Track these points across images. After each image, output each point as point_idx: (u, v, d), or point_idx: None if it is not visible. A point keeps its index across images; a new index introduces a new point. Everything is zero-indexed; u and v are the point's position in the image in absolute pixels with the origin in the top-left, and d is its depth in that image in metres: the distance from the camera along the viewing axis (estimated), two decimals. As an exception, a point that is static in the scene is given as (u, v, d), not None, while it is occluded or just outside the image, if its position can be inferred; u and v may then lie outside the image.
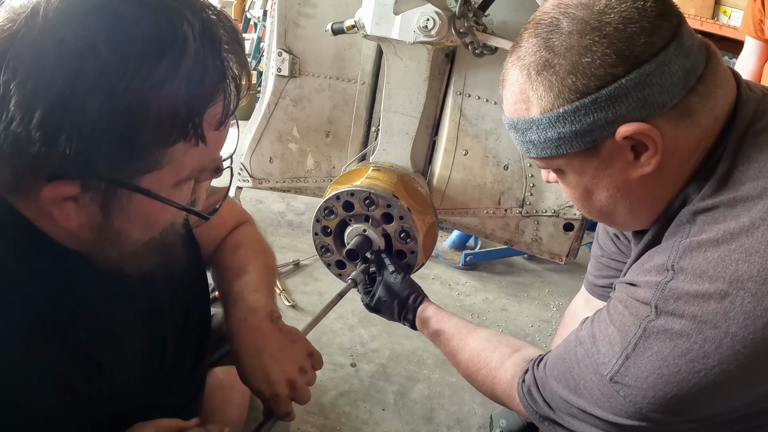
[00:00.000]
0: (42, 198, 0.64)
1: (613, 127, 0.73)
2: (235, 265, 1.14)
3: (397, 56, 1.33)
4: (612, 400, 0.76)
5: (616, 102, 0.72)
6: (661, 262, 0.76)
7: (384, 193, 1.30)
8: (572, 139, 0.76)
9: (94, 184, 0.64)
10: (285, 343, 1.02)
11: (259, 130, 1.64)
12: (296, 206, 3.35)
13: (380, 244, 1.35)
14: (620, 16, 0.71)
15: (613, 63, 0.71)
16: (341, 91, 1.60)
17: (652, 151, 0.74)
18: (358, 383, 1.89)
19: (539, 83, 0.75)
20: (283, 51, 1.56)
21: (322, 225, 1.39)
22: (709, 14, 6.01)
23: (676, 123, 0.74)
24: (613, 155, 0.77)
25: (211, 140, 0.68)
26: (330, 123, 1.64)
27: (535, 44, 0.76)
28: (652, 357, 0.73)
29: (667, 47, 0.72)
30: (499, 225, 1.64)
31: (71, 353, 0.75)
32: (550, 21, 0.75)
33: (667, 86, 0.72)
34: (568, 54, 0.73)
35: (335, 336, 2.14)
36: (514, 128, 0.82)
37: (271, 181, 1.71)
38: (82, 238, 0.71)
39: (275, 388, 0.98)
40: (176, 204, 0.71)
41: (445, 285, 2.65)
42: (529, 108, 0.78)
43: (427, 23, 1.21)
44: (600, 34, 0.71)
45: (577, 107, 0.74)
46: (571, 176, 0.84)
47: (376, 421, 1.73)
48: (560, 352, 0.89)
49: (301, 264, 2.63)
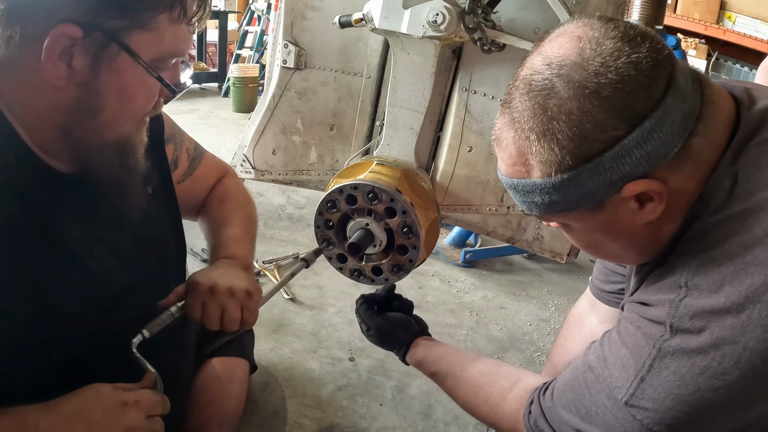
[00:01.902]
0: (47, 43, 0.75)
1: (617, 186, 0.73)
2: (221, 216, 1.29)
3: (404, 51, 1.33)
4: (627, 424, 0.74)
5: (619, 162, 0.71)
6: (673, 279, 0.75)
7: (387, 188, 1.30)
8: (578, 201, 0.76)
9: (94, 34, 0.77)
10: (244, 275, 1.11)
11: (263, 122, 1.63)
12: (297, 200, 3.35)
13: (382, 239, 1.35)
14: (617, 75, 0.69)
15: (615, 125, 0.70)
16: (347, 84, 1.59)
17: (657, 201, 0.74)
18: (356, 378, 1.89)
19: (540, 148, 0.74)
20: (289, 43, 1.55)
21: (325, 218, 1.39)
22: (714, 19, 6.01)
23: (678, 168, 0.73)
24: (618, 208, 0.76)
25: (183, 32, 0.84)
26: (334, 116, 1.63)
27: (531, 108, 0.73)
28: (669, 377, 0.72)
29: (665, 98, 0.70)
30: (501, 222, 1.64)
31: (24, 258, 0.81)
32: (543, 84, 0.73)
33: (669, 137, 0.71)
34: (567, 120, 0.71)
35: (334, 330, 2.14)
36: (513, 189, 0.81)
37: (273, 173, 1.70)
38: (63, 104, 0.80)
39: (202, 283, 1.03)
40: (152, 71, 0.82)
41: (444, 282, 2.65)
42: (530, 171, 0.77)
43: (437, 18, 1.21)
44: (599, 98, 0.69)
45: (580, 171, 0.73)
46: (577, 229, 0.84)
47: (373, 415, 1.73)
48: (567, 379, 0.87)
49: (300, 258, 2.63)
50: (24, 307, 0.82)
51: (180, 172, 1.25)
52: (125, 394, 0.84)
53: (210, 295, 1.02)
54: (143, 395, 0.86)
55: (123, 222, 0.98)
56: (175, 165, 1.22)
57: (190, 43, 0.88)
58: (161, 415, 0.88)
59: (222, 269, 1.10)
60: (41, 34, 0.75)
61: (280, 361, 1.93)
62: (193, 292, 1.02)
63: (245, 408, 1.47)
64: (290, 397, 1.76)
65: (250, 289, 1.06)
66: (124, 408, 0.82)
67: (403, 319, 1.36)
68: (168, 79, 0.86)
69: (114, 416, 0.81)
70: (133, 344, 0.92)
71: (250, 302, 1.06)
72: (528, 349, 2.22)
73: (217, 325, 1.03)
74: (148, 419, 0.84)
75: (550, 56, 0.73)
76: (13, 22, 0.76)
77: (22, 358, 0.83)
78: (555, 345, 1.45)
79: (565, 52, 0.72)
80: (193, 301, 1.02)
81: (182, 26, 0.84)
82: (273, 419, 1.66)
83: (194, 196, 1.32)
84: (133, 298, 0.99)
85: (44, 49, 0.76)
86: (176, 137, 1.23)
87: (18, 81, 0.80)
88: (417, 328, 1.35)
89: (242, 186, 1.41)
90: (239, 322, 1.04)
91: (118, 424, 0.81)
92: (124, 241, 0.99)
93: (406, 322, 1.35)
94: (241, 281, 1.07)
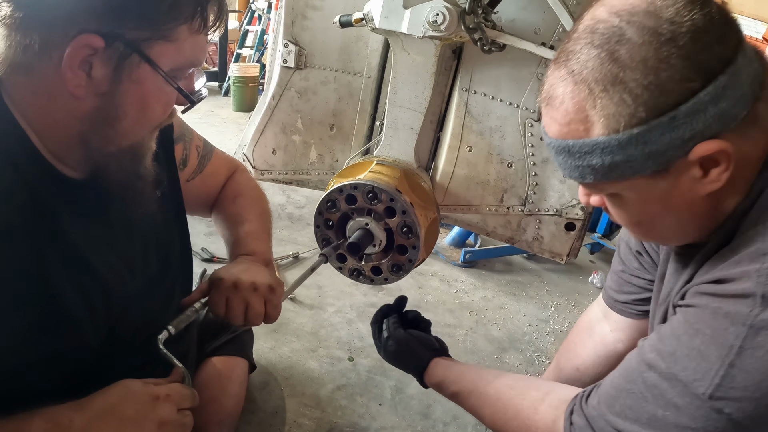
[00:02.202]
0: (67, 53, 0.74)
1: (688, 146, 0.68)
2: (237, 213, 1.30)
3: (404, 50, 1.33)
4: (710, 423, 0.67)
5: (693, 119, 0.67)
6: (752, 249, 0.69)
7: (387, 188, 1.30)
8: (643, 162, 0.70)
9: (116, 44, 0.76)
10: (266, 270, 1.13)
11: (263, 122, 1.63)
12: (297, 199, 3.35)
13: (382, 238, 1.35)
14: (692, 25, 0.66)
15: (691, 77, 0.66)
16: (347, 84, 1.59)
17: (723, 166, 0.70)
18: (355, 377, 1.89)
19: (607, 100, 0.69)
20: (289, 42, 1.55)
21: (324, 218, 1.39)
22: (715, 19, 6.02)
23: (744, 133, 0.70)
24: (682, 174, 0.71)
25: (201, 42, 0.84)
26: (334, 116, 1.63)
27: (598, 56, 0.68)
28: (766, 356, 0.64)
29: (736, 56, 0.67)
30: (500, 222, 1.64)
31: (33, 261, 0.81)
32: (612, 31, 0.68)
33: (739, 97, 0.68)
34: (642, 67, 0.66)
35: (333, 330, 2.14)
36: (566, 152, 0.75)
37: (273, 172, 1.70)
38: (81, 112, 0.80)
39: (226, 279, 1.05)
40: (171, 82, 0.83)
41: (443, 282, 2.65)
42: (590, 129, 0.71)
43: (437, 18, 1.21)
44: (676, 45, 0.65)
45: (653, 126, 0.68)
46: (632, 200, 0.77)
47: (372, 415, 1.73)
48: (618, 383, 0.80)
49: (300, 257, 2.63)
50: (39, 311, 0.82)
51: (189, 170, 1.26)
52: (156, 388, 0.85)
53: (234, 290, 1.04)
54: (174, 389, 0.87)
55: (132, 226, 0.99)
56: (184, 164, 1.23)
57: (206, 53, 0.88)
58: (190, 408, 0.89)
59: (244, 265, 1.12)
60: (61, 43, 0.75)
61: (279, 360, 1.93)
62: (217, 288, 1.05)
63: (244, 407, 1.47)
64: (289, 397, 1.76)
65: (272, 284, 1.08)
66: (155, 402, 0.83)
67: (425, 337, 1.28)
68: (184, 87, 0.87)
69: (146, 411, 0.82)
70: (159, 340, 0.95)
71: (273, 296, 1.08)
72: (527, 349, 2.22)
73: (241, 319, 1.05)
74: (179, 413, 0.86)
75: (617, 5, 0.69)
76: (33, 29, 0.76)
77: (36, 361, 0.84)
78: (562, 349, 1.39)
79: (633, 1, 0.69)
80: (217, 298, 1.04)
81: (201, 36, 0.84)
82: (272, 418, 1.66)
83: (205, 193, 1.33)
84: (141, 300, 1.00)
85: (65, 58, 0.75)
86: (185, 136, 1.24)
87: (34, 88, 0.79)
88: (438, 346, 1.26)
89: (254, 181, 1.43)
90: (263, 316, 1.06)
91: (150, 418, 0.82)
92: (133, 245, 1.00)
93: (428, 340, 1.27)
94: (264, 276, 1.09)
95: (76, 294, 0.87)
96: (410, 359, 1.24)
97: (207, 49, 0.88)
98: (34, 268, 0.81)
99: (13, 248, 0.78)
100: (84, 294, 0.88)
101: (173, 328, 0.98)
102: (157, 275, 1.06)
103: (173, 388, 0.87)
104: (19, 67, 0.78)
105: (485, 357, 2.11)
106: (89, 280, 0.89)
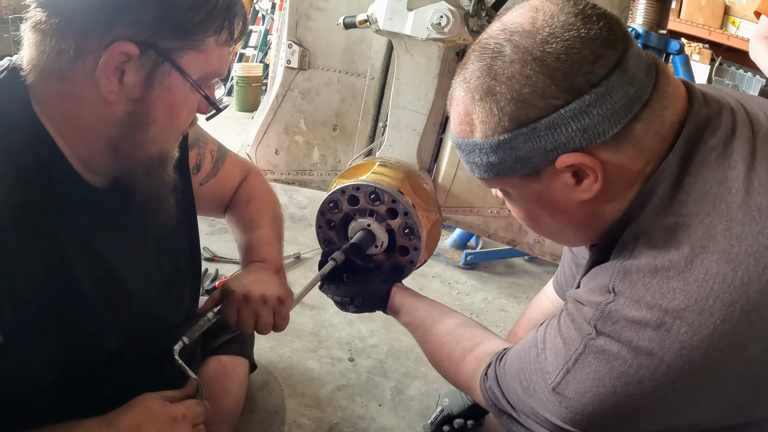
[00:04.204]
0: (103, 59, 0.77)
1: (552, 155, 0.74)
2: (250, 217, 1.34)
3: (407, 52, 1.33)
4: (555, 407, 0.78)
5: (555, 131, 0.72)
6: (603, 282, 0.76)
7: (389, 189, 1.30)
8: (512, 165, 0.77)
9: (149, 52, 0.79)
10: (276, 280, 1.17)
11: (266, 122, 1.64)
12: (299, 199, 3.36)
13: (384, 240, 1.35)
14: (563, 46, 0.70)
15: (553, 94, 0.70)
16: (350, 85, 1.60)
17: (592, 179, 0.74)
18: (355, 378, 1.89)
19: (481, 108, 0.75)
20: (293, 43, 1.56)
21: (327, 218, 1.39)
22: (718, 24, 6.01)
23: (617, 150, 0.73)
24: (554, 180, 0.77)
25: (225, 53, 0.88)
26: (337, 117, 1.64)
27: (480, 68, 0.75)
28: (590, 375, 0.74)
29: (609, 76, 0.70)
30: (502, 225, 1.64)
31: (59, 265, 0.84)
32: (494, 47, 0.74)
33: (609, 115, 0.71)
34: (509, 83, 0.72)
35: (334, 330, 2.14)
36: (459, 148, 0.83)
37: (276, 172, 1.71)
38: (113, 117, 0.82)
39: (237, 291, 1.09)
40: (200, 90, 0.86)
41: (445, 283, 2.65)
42: (473, 131, 0.78)
43: (441, 20, 1.21)
44: (541, 65, 0.70)
45: (515, 135, 0.74)
46: (515, 197, 0.85)
47: (372, 416, 1.73)
48: (518, 350, 0.90)
49: (302, 257, 2.63)
50: (65, 312, 0.86)
51: (203, 174, 1.29)
52: (174, 409, 0.91)
53: (244, 302, 1.08)
54: (189, 408, 0.93)
55: (147, 233, 1.02)
56: (198, 168, 1.26)
57: (228, 64, 0.92)
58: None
59: (255, 275, 1.15)
60: (96, 49, 0.77)
61: (279, 360, 1.93)
62: (228, 299, 1.09)
63: (244, 407, 1.48)
64: (289, 397, 1.76)
65: (281, 296, 1.12)
66: (174, 423, 0.89)
67: (371, 273, 1.36)
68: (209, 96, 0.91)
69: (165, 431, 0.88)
70: (175, 351, 0.99)
71: (282, 308, 1.13)
72: (527, 351, 2.22)
73: (251, 330, 1.11)
74: (193, 429, 0.92)
75: (506, 23, 0.75)
76: (69, 35, 0.77)
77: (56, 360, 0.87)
78: (517, 324, 1.50)
79: (519, 20, 0.74)
80: (229, 309, 1.09)
81: (225, 48, 0.88)
82: (272, 418, 1.66)
83: (219, 196, 1.36)
84: (154, 304, 1.03)
85: (100, 65, 0.77)
86: (200, 141, 1.27)
87: (65, 93, 0.81)
88: (388, 276, 1.35)
89: (267, 184, 1.46)
90: (272, 326, 1.12)
91: None
92: (148, 252, 1.03)
93: (376, 274, 1.35)
94: (273, 288, 1.13)
95: (99, 298, 0.90)
96: (377, 299, 1.32)
97: (229, 60, 0.91)
98: (60, 270, 0.84)
99: (40, 250, 0.81)
100: (107, 298, 0.91)
101: (187, 339, 1.01)
102: (168, 280, 1.08)
103: (189, 407, 0.92)
104: (51, 72, 0.79)
105: (485, 359, 2.11)
106: (112, 287, 0.93)
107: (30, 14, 0.78)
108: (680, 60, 2.65)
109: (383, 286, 1.32)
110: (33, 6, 0.78)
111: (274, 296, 1.11)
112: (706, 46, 5.98)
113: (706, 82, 5.71)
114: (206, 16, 0.82)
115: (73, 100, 0.81)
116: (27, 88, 0.81)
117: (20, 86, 0.81)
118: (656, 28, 2.41)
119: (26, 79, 0.80)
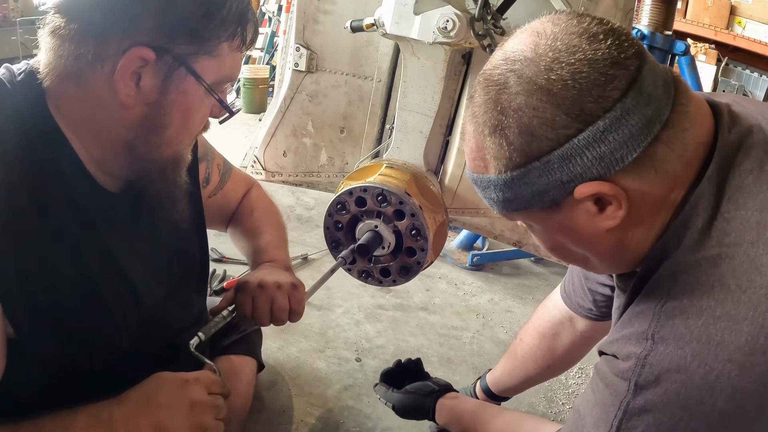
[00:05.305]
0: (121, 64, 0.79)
1: (569, 187, 0.69)
2: (255, 225, 1.40)
3: (414, 56, 1.34)
4: None
5: (569, 162, 0.67)
6: (641, 329, 0.71)
7: (396, 191, 1.32)
8: (529, 200, 0.73)
9: (165, 57, 0.82)
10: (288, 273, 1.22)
11: (274, 124, 1.65)
12: (306, 201, 3.37)
13: (391, 241, 1.36)
14: (569, 71, 0.65)
15: (564, 123, 0.66)
16: (357, 88, 1.61)
17: (615, 206, 0.70)
18: (362, 378, 1.90)
19: (492, 144, 0.71)
20: (300, 46, 1.57)
21: (334, 219, 1.41)
22: (724, 24, 5.99)
23: (639, 175, 0.68)
24: (576, 210, 0.72)
25: (238, 59, 0.91)
26: (345, 119, 1.65)
27: (486, 102, 0.71)
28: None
29: (623, 98, 0.65)
30: (508, 226, 1.65)
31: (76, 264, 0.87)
32: (497, 78, 0.70)
33: (626, 140, 0.66)
34: (516, 116, 0.68)
35: (341, 330, 2.15)
36: (475, 183, 0.79)
37: (284, 174, 1.72)
38: (129, 120, 0.85)
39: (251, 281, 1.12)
40: (214, 94, 0.89)
41: (451, 284, 2.66)
42: (486, 166, 0.75)
43: (447, 24, 1.22)
44: (547, 94, 0.66)
45: (528, 170, 0.70)
46: (538, 230, 0.81)
47: (378, 416, 1.74)
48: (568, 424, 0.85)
49: (309, 258, 2.65)
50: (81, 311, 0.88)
51: (212, 188, 1.33)
52: (186, 374, 0.91)
53: (259, 290, 1.11)
54: (202, 374, 0.93)
55: (158, 237, 1.05)
56: (207, 181, 1.30)
57: (240, 69, 0.95)
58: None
59: (267, 269, 1.20)
60: (114, 54, 0.80)
61: (287, 360, 1.95)
62: (243, 290, 1.12)
63: (252, 406, 1.49)
64: (297, 396, 1.77)
65: (295, 282, 1.16)
66: (185, 384, 0.89)
67: (421, 386, 1.39)
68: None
69: (177, 394, 0.88)
70: (191, 345, 1.01)
71: (296, 292, 1.16)
72: (534, 352, 2.23)
73: (267, 317, 1.12)
74: (210, 395, 0.91)
75: (508, 51, 0.71)
76: (88, 41, 0.80)
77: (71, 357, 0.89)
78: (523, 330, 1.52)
79: (521, 47, 0.70)
80: (243, 299, 1.11)
81: (238, 54, 0.91)
82: (279, 417, 1.68)
83: (225, 208, 1.41)
84: (165, 308, 1.06)
85: (118, 69, 0.80)
86: (208, 155, 1.31)
87: (82, 96, 0.83)
88: (437, 388, 1.38)
89: (268, 197, 1.51)
90: (288, 311, 1.13)
91: (181, 400, 0.87)
92: (159, 255, 1.06)
93: (425, 387, 1.38)
94: (287, 277, 1.17)
95: (111, 298, 0.92)
96: (419, 412, 1.36)
97: (241, 65, 0.94)
98: (74, 271, 0.86)
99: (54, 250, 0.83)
100: (119, 299, 0.94)
101: (203, 335, 1.04)
102: (178, 283, 1.10)
103: (202, 374, 0.93)
104: (69, 76, 0.81)
105: (492, 360, 2.12)
106: (125, 289, 0.95)
107: (48, 20, 0.80)
108: (686, 61, 2.65)
109: (427, 400, 1.35)
110: (51, 12, 0.80)
111: (288, 282, 1.14)
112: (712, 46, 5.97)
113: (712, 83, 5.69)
114: (220, 22, 0.84)
115: (90, 103, 0.83)
116: (44, 90, 0.83)
117: (37, 89, 0.83)
118: (662, 29, 2.41)
119: (43, 82, 0.82)
